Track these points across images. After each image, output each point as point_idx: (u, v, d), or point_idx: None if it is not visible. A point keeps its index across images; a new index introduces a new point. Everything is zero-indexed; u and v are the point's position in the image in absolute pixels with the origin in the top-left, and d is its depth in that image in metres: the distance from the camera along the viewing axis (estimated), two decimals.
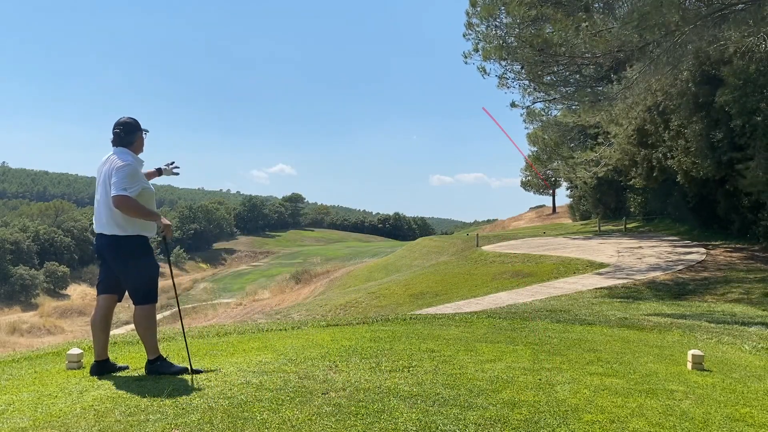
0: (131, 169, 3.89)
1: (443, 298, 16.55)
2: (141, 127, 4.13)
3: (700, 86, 19.15)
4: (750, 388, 4.00)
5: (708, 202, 22.08)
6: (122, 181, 3.81)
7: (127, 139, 4.05)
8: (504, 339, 5.66)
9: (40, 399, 3.42)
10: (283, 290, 45.08)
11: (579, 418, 3.12)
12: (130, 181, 3.83)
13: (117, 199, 3.80)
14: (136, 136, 4.09)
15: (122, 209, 3.82)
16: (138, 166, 4.01)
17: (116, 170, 3.86)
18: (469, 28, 15.85)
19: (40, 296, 64.77)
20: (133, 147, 4.07)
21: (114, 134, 4.06)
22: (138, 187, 3.88)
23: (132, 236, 3.94)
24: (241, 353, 4.80)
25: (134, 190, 3.85)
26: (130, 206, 3.82)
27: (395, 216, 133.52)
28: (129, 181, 3.83)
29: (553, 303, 11.15)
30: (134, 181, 3.87)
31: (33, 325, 46.76)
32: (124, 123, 4.07)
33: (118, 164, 3.89)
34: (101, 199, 4.01)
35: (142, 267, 3.99)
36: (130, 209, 3.82)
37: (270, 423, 2.91)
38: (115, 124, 4.08)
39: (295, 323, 7.21)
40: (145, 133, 4.16)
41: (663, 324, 7.52)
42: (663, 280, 14.65)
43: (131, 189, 3.83)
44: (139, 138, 4.11)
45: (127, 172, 3.85)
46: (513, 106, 19.47)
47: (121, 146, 4.04)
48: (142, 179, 4.01)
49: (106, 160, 4.02)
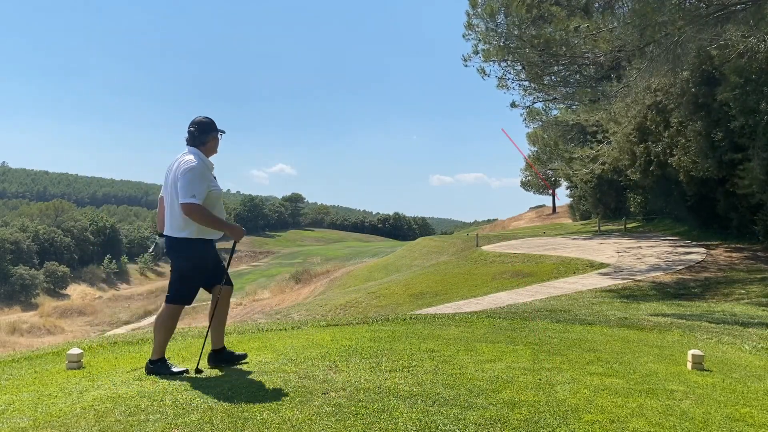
0: (197, 173, 3.84)
1: (443, 298, 16.55)
2: (216, 128, 4.06)
3: (700, 86, 19.14)
4: (750, 388, 4.00)
5: (708, 202, 22.07)
6: (188, 187, 3.79)
7: (200, 138, 4.00)
8: (504, 339, 5.66)
9: (40, 399, 3.42)
10: (283, 290, 45.08)
11: (579, 418, 3.12)
12: (197, 186, 3.81)
13: (186, 207, 3.78)
14: (209, 136, 4.03)
15: (192, 217, 3.81)
16: (204, 168, 3.94)
17: (182, 174, 3.84)
18: (469, 29, 15.82)
19: (40, 296, 64.75)
20: (205, 148, 4.02)
21: (188, 132, 4.01)
22: (204, 191, 3.85)
23: (188, 239, 3.92)
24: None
25: (201, 195, 3.82)
26: (200, 214, 3.80)
27: (395, 216, 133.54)
28: (196, 186, 3.80)
29: (553, 303, 11.15)
30: (200, 184, 3.83)
31: (33, 325, 46.74)
32: (199, 122, 4.02)
33: (183, 167, 3.86)
34: (167, 200, 3.99)
35: (184, 267, 3.97)
36: (200, 217, 3.81)
37: (270, 423, 2.91)
38: (191, 122, 4.04)
39: (295, 323, 7.21)
40: (220, 135, 4.09)
41: (663, 324, 7.52)
42: (663, 280, 14.65)
43: (199, 194, 3.81)
44: (213, 139, 4.05)
45: (192, 177, 3.82)
46: (513, 106, 19.47)
47: (193, 146, 4.00)
48: (209, 180, 3.94)
49: (175, 160, 3.99)
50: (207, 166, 3.98)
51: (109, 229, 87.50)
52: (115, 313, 55.98)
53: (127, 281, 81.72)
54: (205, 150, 4.01)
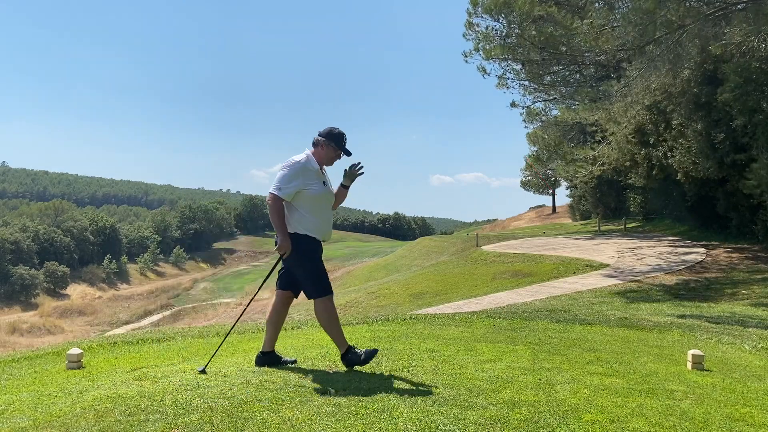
0: (293, 170, 3.95)
1: (443, 298, 16.55)
2: (336, 141, 4.10)
3: (700, 86, 19.13)
4: (750, 388, 4.00)
5: (708, 202, 22.06)
6: (278, 180, 3.95)
7: (316, 141, 4.11)
8: (504, 339, 5.66)
9: (40, 399, 3.42)
10: None
11: (579, 417, 3.12)
12: (285, 181, 3.92)
13: (268, 197, 3.98)
14: (323, 142, 4.09)
15: (268, 207, 3.98)
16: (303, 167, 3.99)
17: (280, 169, 4.01)
18: (470, 28, 15.84)
19: (40, 296, 64.79)
20: (316, 151, 4.10)
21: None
22: (292, 187, 3.93)
23: (298, 235, 4.00)
24: (241, 353, 4.80)
25: (287, 191, 3.92)
26: (274, 207, 3.93)
27: (395, 216, 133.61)
28: (284, 181, 3.92)
29: (553, 303, 11.14)
30: (290, 180, 3.92)
31: (33, 325, 46.76)
32: (326, 129, 4.13)
33: (286, 164, 4.00)
34: None
35: (307, 263, 4.05)
36: (271, 209, 3.95)
37: (270, 423, 2.91)
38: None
39: (295, 323, 7.21)
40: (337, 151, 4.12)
41: (663, 324, 7.52)
42: (663, 280, 14.64)
43: (284, 189, 3.92)
44: (327, 149, 4.10)
45: (287, 172, 3.94)
46: (513, 106, 19.50)
47: (312, 146, 4.12)
48: (305, 181, 3.98)
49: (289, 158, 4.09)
50: (310, 166, 4.03)
51: (109, 229, 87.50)
52: (115, 313, 55.99)
53: (127, 281, 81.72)
54: (316, 152, 4.11)
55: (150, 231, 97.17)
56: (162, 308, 57.00)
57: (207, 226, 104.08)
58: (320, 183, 4.08)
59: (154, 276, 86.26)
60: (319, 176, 4.09)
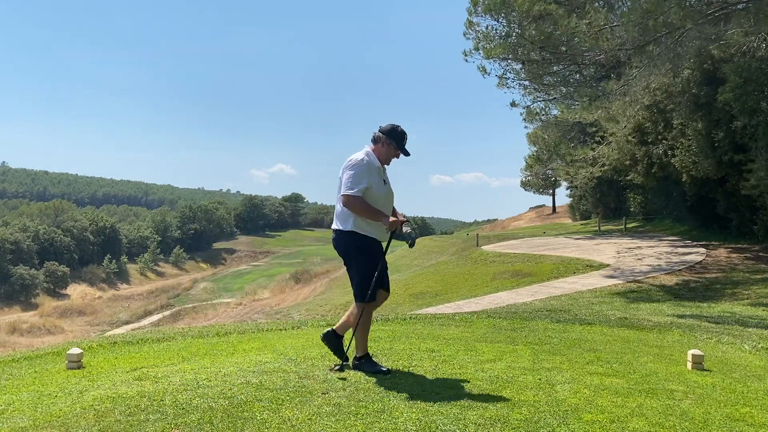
0: (360, 168, 3.97)
1: (443, 298, 16.55)
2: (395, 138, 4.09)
3: (700, 86, 19.12)
4: (750, 388, 4.00)
5: (708, 202, 22.06)
6: (349, 181, 3.95)
7: (375, 138, 4.12)
8: (504, 339, 5.66)
9: (40, 399, 3.42)
10: (283, 290, 45.10)
11: (579, 417, 3.12)
12: (356, 181, 3.93)
13: (344, 198, 3.96)
14: (383, 139, 4.09)
15: (349, 208, 3.95)
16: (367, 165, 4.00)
17: (346, 169, 4.01)
18: (470, 27, 15.82)
19: (40, 296, 64.79)
20: (375, 148, 4.11)
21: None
22: (364, 186, 3.94)
23: (351, 232, 4.01)
24: (241, 353, 4.80)
25: (360, 189, 3.93)
26: (356, 205, 3.92)
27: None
28: (356, 181, 3.93)
29: (553, 303, 11.15)
30: (360, 180, 3.94)
31: (33, 325, 46.76)
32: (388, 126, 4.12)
33: (349, 163, 4.01)
34: (336, 196, 4.12)
35: (358, 265, 4.05)
36: (356, 208, 3.93)
37: (270, 423, 2.91)
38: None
39: (295, 323, 7.22)
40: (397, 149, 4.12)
41: (663, 324, 7.52)
42: (663, 280, 14.65)
43: (358, 188, 3.92)
44: (389, 147, 4.10)
45: (355, 171, 3.96)
46: (513, 106, 19.46)
47: (371, 142, 4.13)
48: (370, 179, 4.00)
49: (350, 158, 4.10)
50: (371, 165, 4.04)
51: (109, 229, 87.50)
52: (115, 313, 56.00)
53: (127, 281, 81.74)
54: (376, 149, 4.11)
55: (150, 231, 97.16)
56: (162, 308, 57.01)
57: (207, 226, 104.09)
58: (381, 182, 4.08)
59: (154, 276, 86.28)
60: (380, 174, 4.09)
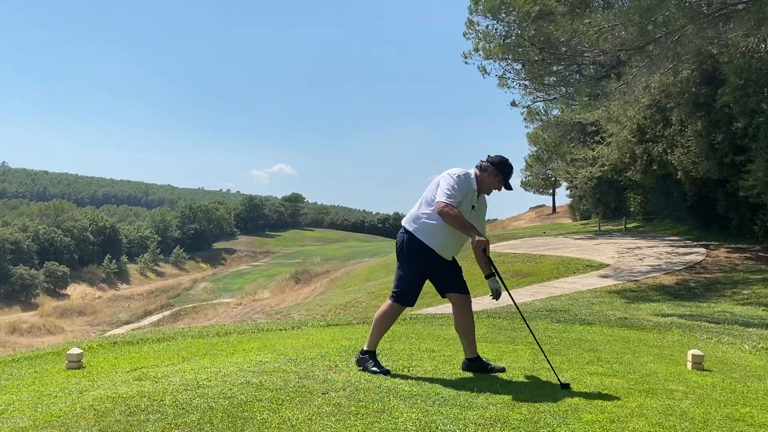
0: (460, 182, 3.99)
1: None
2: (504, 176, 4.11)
3: (700, 86, 19.12)
4: (750, 388, 4.00)
5: (708, 202, 22.05)
6: (447, 188, 3.96)
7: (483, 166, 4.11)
8: (504, 339, 5.66)
9: (40, 399, 3.42)
10: (283, 290, 45.13)
11: (579, 417, 3.12)
12: (454, 191, 3.95)
13: (438, 205, 3.94)
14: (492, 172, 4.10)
15: (442, 215, 3.93)
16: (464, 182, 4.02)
17: (445, 177, 4.03)
18: (470, 27, 15.84)
19: (40, 296, 64.81)
20: (482, 175, 4.10)
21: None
22: (459, 198, 3.96)
23: (412, 235, 4.05)
24: (241, 353, 4.80)
25: (456, 199, 3.94)
26: (450, 214, 3.90)
27: (395, 216, 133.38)
28: (454, 190, 3.95)
29: (553, 303, 11.14)
30: (458, 192, 3.96)
31: (33, 325, 46.78)
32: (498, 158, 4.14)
33: (452, 173, 4.04)
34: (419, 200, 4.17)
35: (405, 267, 4.09)
36: (449, 217, 3.91)
37: (270, 423, 2.90)
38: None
39: (295, 323, 7.21)
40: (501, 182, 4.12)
41: (663, 324, 7.52)
42: (663, 281, 14.64)
43: (454, 197, 3.94)
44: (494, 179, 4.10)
45: (455, 182, 3.98)
46: (513, 105, 19.50)
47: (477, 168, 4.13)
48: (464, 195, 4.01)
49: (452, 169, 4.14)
50: (470, 186, 4.06)
51: (109, 229, 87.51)
52: (115, 313, 56.00)
53: (127, 281, 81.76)
54: (480, 177, 4.11)
55: (150, 231, 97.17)
56: (162, 308, 57.00)
57: (207, 226, 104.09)
58: (469, 206, 4.08)
59: (154, 276, 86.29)
60: (472, 199, 4.09)
